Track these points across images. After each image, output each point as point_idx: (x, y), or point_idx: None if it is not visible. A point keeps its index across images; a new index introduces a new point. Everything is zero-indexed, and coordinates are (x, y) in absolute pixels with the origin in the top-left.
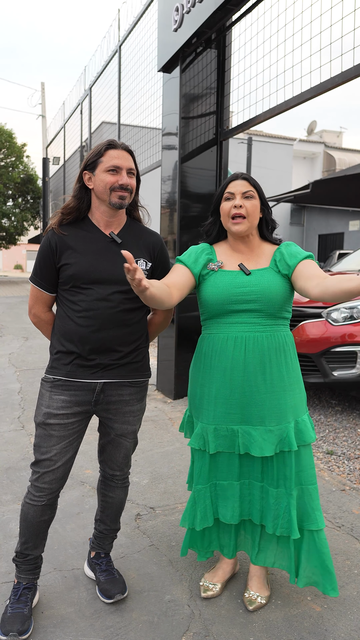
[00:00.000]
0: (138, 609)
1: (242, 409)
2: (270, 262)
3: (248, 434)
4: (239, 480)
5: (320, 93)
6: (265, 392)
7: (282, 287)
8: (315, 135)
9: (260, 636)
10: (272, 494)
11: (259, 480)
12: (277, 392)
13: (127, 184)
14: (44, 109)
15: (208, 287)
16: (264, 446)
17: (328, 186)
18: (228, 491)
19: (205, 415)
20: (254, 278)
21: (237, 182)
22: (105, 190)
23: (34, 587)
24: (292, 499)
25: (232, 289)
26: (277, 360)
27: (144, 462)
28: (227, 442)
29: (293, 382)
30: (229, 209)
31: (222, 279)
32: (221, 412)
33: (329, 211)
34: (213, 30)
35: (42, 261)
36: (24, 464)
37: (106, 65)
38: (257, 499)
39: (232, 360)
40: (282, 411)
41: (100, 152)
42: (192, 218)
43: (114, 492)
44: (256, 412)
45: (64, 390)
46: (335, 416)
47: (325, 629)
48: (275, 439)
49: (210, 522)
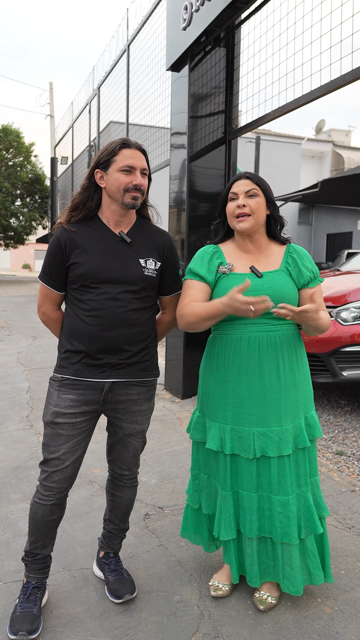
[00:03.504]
0: (147, 609)
1: (258, 409)
2: (281, 264)
3: (264, 436)
4: (257, 493)
5: (331, 91)
6: (280, 391)
7: (293, 289)
8: (323, 134)
9: (270, 638)
10: (292, 501)
11: (276, 493)
12: (291, 390)
13: (141, 184)
14: (52, 108)
15: (221, 290)
16: (282, 446)
17: (336, 185)
18: (246, 502)
19: (222, 415)
20: (266, 281)
21: (240, 182)
22: (118, 190)
23: (43, 586)
24: (308, 494)
25: (245, 292)
26: (290, 358)
27: (152, 462)
28: (242, 444)
29: (304, 378)
30: (233, 209)
31: (233, 282)
32: (237, 412)
33: (338, 210)
34: (222, 29)
35: (51, 259)
36: (33, 463)
37: (115, 64)
38: (276, 514)
39: (247, 360)
40: (296, 408)
41: (115, 151)
42: (201, 217)
43: (123, 492)
44: (272, 412)
45: (72, 389)
46: (345, 416)
47: (336, 631)
48: (291, 437)
49: (234, 534)
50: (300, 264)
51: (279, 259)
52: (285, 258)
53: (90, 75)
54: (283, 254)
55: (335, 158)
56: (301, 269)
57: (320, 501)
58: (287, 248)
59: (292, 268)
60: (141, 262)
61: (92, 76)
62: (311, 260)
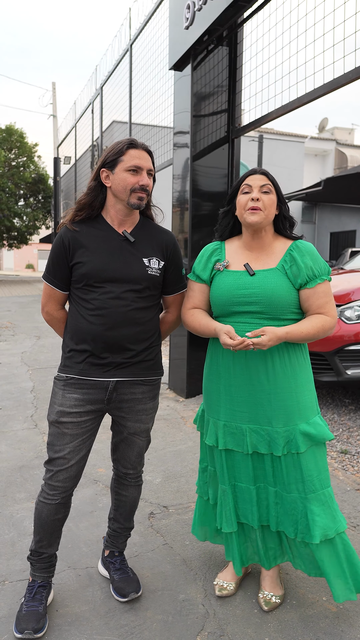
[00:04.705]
0: (152, 607)
1: (248, 407)
2: (279, 262)
3: (256, 433)
4: (255, 485)
5: (334, 89)
6: (270, 393)
7: (287, 290)
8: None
9: (276, 636)
10: (287, 499)
11: (272, 485)
12: (283, 394)
13: (148, 184)
14: (55, 108)
15: (214, 287)
16: (272, 445)
17: (340, 183)
18: (246, 494)
19: (215, 410)
20: (257, 279)
21: (256, 176)
22: (125, 190)
23: (48, 585)
24: (308, 502)
25: (233, 290)
26: (282, 361)
27: (156, 461)
28: (235, 440)
29: (301, 383)
30: (245, 202)
31: (225, 279)
32: (230, 409)
33: (341, 209)
34: (225, 28)
35: (55, 259)
36: (38, 463)
37: (117, 64)
38: (272, 504)
39: (234, 358)
40: (289, 413)
41: (122, 151)
42: (204, 217)
43: (128, 491)
44: (262, 412)
45: (76, 388)
46: (349, 415)
47: (341, 629)
48: (282, 441)
49: (235, 527)
50: (299, 261)
51: (280, 257)
52: (284, 256)
53: (93, 75)
54: (285, 252)
55: (338, 156)
56: (300, 267)
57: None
58: (291, 245)
59: (289, 266)
60: (145, 261)
61: (94, 76)
62: (316, 257)
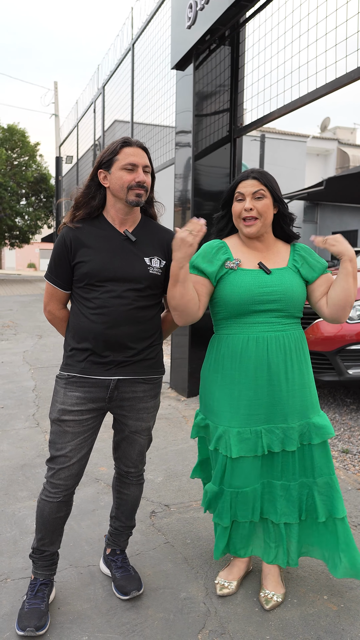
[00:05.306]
0: (154, 606)
1: (266, 409)
2: (288, 261)
3: (270, 432)
4: (260, 482)
5: (336, 89)
6: (288, 391)
7: (301, 288)
8: (328, 132)
9: (277, 635)
10: (294, 487)
11: (278, 479)
12: (298, 390)
13: (144, 180)
14: (57, 108)
15: (228, 286)
16: (286, 442)
17: (342, 183)
18: (249, 496)
19: (227, 417)
20: (275, 277)
21: (247, 181)
22: (122, 188)
23: (50, 583)
24: (315, 485)
25: (255, 288)
26: (298, 358)
27: (158, 460)
28: (249, 446)
29: (311, 379)
30: (239, 210)
31: (243, 278)
32: (245, 414)
33: (343, 208)
34: (227, 27)
35: (57, 258)
36: (39, 461)
37: (119, 63)
38: (278, 497)
39: (256, 361)
40: (303, 408)
41: (116, 150)
42: (206, 216)
43: (129, 489)
44: (279, 411)
45: (78, 387)
46: (351, 414)
47: (342, 628)
48: (296, 435)
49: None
50: (310, 259)
51: (286, 257)
52: (292, 256)
53: (95, 74)
54: (289, 252)
55: (340, 156)
56: (312, 264)
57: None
58: (293, 247)
59: (301, 265)
60: (146, 260)
61: (96, 75)
62: (316, 254)
